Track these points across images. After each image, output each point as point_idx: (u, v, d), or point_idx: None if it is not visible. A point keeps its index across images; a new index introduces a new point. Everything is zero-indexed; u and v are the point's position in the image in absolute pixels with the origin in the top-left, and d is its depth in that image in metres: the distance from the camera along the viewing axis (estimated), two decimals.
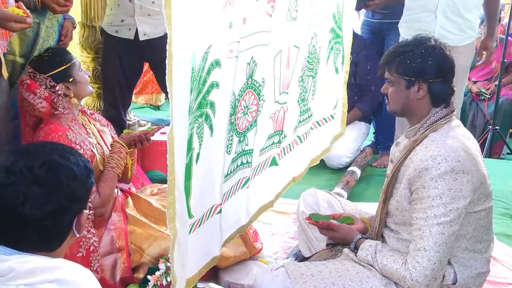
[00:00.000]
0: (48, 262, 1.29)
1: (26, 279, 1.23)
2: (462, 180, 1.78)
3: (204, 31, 1.67)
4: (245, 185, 2.30)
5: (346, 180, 3.57)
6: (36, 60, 2.42)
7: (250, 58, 2.05)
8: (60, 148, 1.39)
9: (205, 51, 1.71)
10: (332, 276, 1.91)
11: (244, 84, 2.07)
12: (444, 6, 3.23)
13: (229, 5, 1.77)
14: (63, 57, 2.41)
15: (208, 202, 1.99)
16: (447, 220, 1.77)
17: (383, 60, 1.98)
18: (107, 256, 2.28)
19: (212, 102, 1.84)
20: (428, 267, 1.78)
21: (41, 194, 1.28)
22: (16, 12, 2.05)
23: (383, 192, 1.99)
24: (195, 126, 1.76)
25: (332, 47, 2.96)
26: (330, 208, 2.36)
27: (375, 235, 2.03)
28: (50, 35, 2.60)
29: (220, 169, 2.02)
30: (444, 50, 1.92)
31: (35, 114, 2.34)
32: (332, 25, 2.90)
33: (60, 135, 2.25)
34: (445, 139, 1.85)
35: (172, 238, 1.72)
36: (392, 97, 1.98)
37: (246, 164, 2.26)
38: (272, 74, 2.30)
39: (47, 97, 2.30)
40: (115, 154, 2.43)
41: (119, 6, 3.13)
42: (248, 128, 2.20)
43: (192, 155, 1.78)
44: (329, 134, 3.21)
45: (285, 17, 2.29)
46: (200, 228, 1.93)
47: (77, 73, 2.40)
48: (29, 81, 2.31)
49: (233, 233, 2.29)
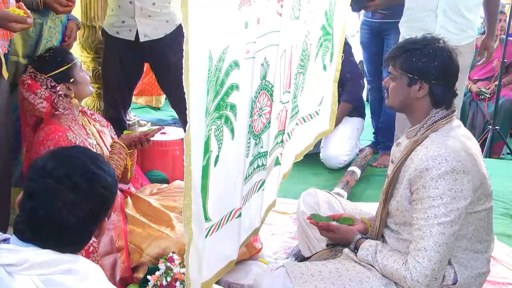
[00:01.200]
0: (60, 255, 1.33)
1: (40, 269, 1.28)
2: (463, 180, 1.78)
3: (220, 31, 1.65)
4: (261, 188, 2.31)
5: (346, 180, 3.57)
6: (37, 60, 2.42)
7: (264, 59, 2.04)
8: (94, 156, 1.44)
9: (222, 52, 1.69)
10: (332, 276, 1.91)
11: (259, 86, 2.06)
12: (444, 6, 3.23)
13: (244, 5, 1.75)
14: (64, 57, 2.41)
15: (227, 206, 1.99)
16: (447, 220, 1.77)
17: (390, 53, 1.98)
18: (106, 256, 2.28)
19: (232, 105, 1.83)
20: (429, 267, 1.77)
21: (78, 201, 1.34)
22: (16, 13, 2.04)
23: (384, 192, 1.99)
24: (212, 128, 1.74)
25: (322, 44, 2.95)
26: (330, 208, 2.36)
27: (376, 235, 2.03)
28: (53, 35, 2.60)
29: (241, 173, 2.01)
30: (452, 53, 1.91)
31: (35, 114, 2.34)
32: (323, 22, 2.89)
33: (60, 136, 2.25)
34: (446, 139, 1.84)
35: (188, 241, 1.70)
36: (392, 92, 1.98)
37: (262, 166, 2.26)
38: (279, 74, 2.30)
39: (47, 97, 2.30)
40: (115, 155, 2.43)
41: (120, 8, 3.13)
42: (263, 130, 2.20)
43: (210, 157, 1.76)
44: (313, 130, 3.18)
45: (290, 16, 2.29)
46: (218, 232, 1.92)
47: (78, 74, 2.40)
48: (30, 81, 2.31)
49: (248, 236, 2.31)
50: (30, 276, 1.26)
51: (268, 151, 2.27)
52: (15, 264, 1.27)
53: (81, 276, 1.32)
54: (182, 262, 2.17)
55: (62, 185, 1.32)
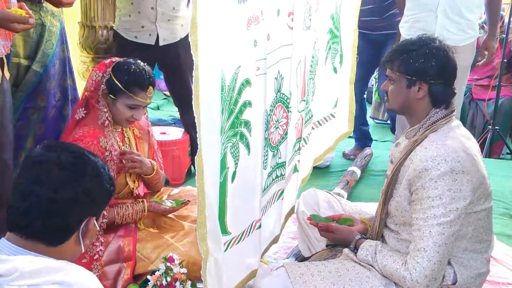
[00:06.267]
0: (52, 263, 1.29)
1: (30, 279, 1.23)
2: (462, 181, 1.78)
3: (231, 52, 1.68)
4: (280, 197, 2.34)
5: (346, 180, 3.58)
6: (120, 69, 2.31)
7: (277, 73, 2.08)
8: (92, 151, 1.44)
9: (234, 71, 1.72)
10: (332, 276, 1.91)
11: (273, 99, 2.10)
12: (444, 6, 3.22)
13: (252, 24, 1.79)
14: (142, 84, 2.30)
15: (248, 219, 2.02)
16: (447, 221, 1.77)
17: (386, 57, 1.98)
18: (112, 264, 2.25)
19: (247, 121, 1.86)
20: (428, 267, 1.78)
21: (61, 177, 1.31)
22: (19, 13, 2.03)
23: (383, 192, 1.99)
24: (228, 146, 1.77)
25: (330, 47, 2.98)
26: (330, 208, 2.36)
27: (375, 236, 2.04)
28: (52, 35, 2.60)
29: (259, 185, 2.04)
30: (448, 52, 1.92)
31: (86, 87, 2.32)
32: (330, 26, 2.92)
33: (94, 144, 2.22)
34: (445, 140, 1.84)
35: (204, 257, 1.72)
36: (391, 95, 1.98)
37: (280, 177, 2.30)
38: (295, 85, 2.34)
39: (96, 82, 2.29)
40: (132, 212, 2.38)
41: (139, 13, 3.16)
42: (280, 141, 2.24)
43: (227, 174, 1.79)
44: (331, 133, 3.23)
45: (301, 28, 2.32)
46: (240, 244, 1.95)
47: (128, 105, 2.31)
48: (99, 69, 2.30)
49: (268, 245, 2.33)
50: (20, 287, 1.22)
51: (286, 161, 2.32)
52: (4, 275, 1.22)
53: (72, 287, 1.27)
54: (182, 262, 2.17)
55: (48, 160, 1.32)
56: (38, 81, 2.60)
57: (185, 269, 2.15)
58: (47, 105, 2.66)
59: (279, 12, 2.02)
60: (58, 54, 2.68)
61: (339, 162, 4.22)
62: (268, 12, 1.89)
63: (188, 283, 2.15)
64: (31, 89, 2.59)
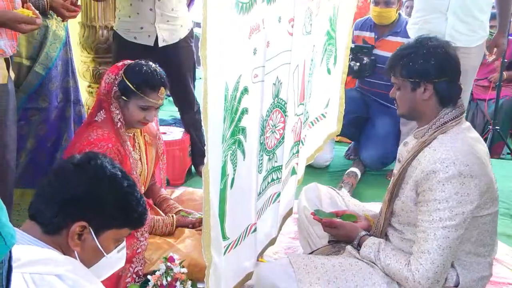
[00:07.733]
0: (56, 255, 1.31)
1: (32, 267, 1.24)
2: (470, 185, 1.77)
3: (234, 63, 1.69)
4: (276, 200, 2.34)
5: (347, 181, 3.58)
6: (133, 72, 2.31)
7: (275, 79, 2.08)
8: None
9: (236, 81, 1.73)
10: (335, 270, 1.91)
11: (271, 104, 2.10)
12: (455, 7, 3.17)
13: (254, 33, 1.79)
14: (153, 84, 2.30)
15: (244, 223, 2.02)
16: (452, 224, 1.77)
17: (387, 64, 1.98)
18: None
19: (243, 128, 1.86)
20: (431, 269, 1.77)
21: (73, 171, 1.38)
22: (25, 14, 2.02)
23: (389, 191, 1.98)
24: (228, 154, 1.78)
25: (326, 49, 2.98)
26: (333, 203, 2.36)
27: (379, 233, 2.03)
28: (57, 38, 2.59)
29: (254, 189, 2.04)
30: (447, 48, 1.91)
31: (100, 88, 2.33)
32: (327, 28, 2.92)
33: (110, 148, 2.21)
34: (454, 142, 1.83)
35: (207, 265, 1.72)
36: (399, 101, 1.97)
37: (276, 180, 2.30)
38: (292, 89, 2.33)
39: (108, 85, 2.29)
40: (162, 225, 2.43)
41: (138, 14, 3.16)
42: (277, 145, 2.23)
43: (227, 181, 1.80)
44: (322, 132, 3.23)
45: (301, 33, 2.32)
46: (236, 248, 1.96)
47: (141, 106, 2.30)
48: (111, 73, 2.30)
49: (264, 247, 2.33)
50: (22, 274, 1.22)
51: (283, 164, 2.31)
52: None
53: (72, 284, 1.27)
54: (182, 262, 2.17)
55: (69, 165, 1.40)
56: (39, 83, 2.60)
57: (185, 269, 2.15)
58: (49, 106, 2.66)
59: (280, 19, 2.01)
60: (62, 56, 2.68)
61: (339, 162, 4.22)
62: (269, 20, 1.89)
63: (188, 283, 2.14)
64: (32, 90, 2.59)
